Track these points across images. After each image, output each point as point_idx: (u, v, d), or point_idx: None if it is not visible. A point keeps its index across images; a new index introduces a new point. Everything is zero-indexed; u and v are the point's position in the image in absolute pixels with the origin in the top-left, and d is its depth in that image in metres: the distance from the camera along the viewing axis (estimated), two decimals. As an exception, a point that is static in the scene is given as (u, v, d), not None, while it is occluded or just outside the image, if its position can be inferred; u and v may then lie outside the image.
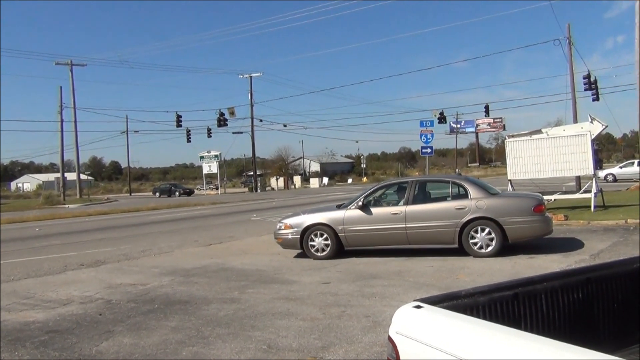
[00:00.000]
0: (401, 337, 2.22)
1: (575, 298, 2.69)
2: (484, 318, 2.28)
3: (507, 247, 10.15)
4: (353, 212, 10.83)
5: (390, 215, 10.58)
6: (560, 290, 2.65)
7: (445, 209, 10.41)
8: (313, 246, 11.00)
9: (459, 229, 10.11)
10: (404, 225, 10.41)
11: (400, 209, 10.55)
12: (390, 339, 2.27)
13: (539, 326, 2.53)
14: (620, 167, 39.17)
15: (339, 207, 11.43)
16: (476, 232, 10.07)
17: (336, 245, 10.86)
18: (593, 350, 1.67)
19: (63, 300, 8.26)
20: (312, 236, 11.01)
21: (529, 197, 10.86)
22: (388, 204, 11.04)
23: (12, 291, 9.11)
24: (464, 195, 10.37)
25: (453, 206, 10.31)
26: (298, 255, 11.33)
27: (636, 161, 38.13)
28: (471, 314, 2.27)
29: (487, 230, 10.02)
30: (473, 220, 10.07)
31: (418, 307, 2.28)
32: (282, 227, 11.41)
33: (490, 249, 9.99)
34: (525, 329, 2.32)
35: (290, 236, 11.22)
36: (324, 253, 10.89)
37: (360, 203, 10.85)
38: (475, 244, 10.05)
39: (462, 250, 10.13)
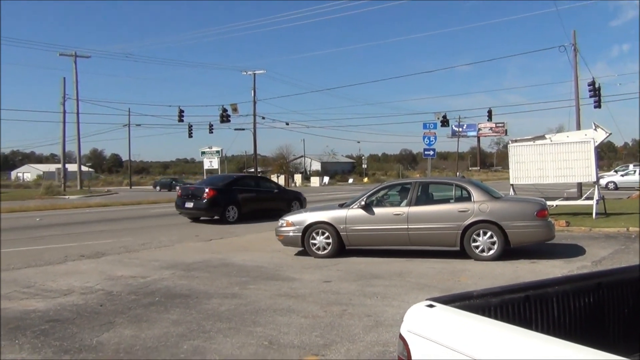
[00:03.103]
0: (413, 335, 2.21)
1: (586, 302, 2.68)
2: (495, 319, 2.27)
3: (509, 252, 10.14)
4: (355, 212, 10.82)
5: (393, 215, 10.56)
6: (572, 294, 2.64)
7: (447, 211, 10.39)
8: (314, 244, 10.98)
9: (461, 231, 10.10)
10: (406, 226, 10.39)
11: (403, 209, 10.53)
12: (401, 337, 2.26)
13: (550, 329, 2.52)
14: (622, 175, 39.07)
15: (341, 206, 11.42)
16: (478, 235, 10.05)
17: (337, 244, 10.84)
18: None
19: (63, 290, 8.25)
20: (314, 234, 10.99)
21: (532, 201, 10.85)
22: (391, 205, 11.03)
23: (13, 280, 9.10)
24: (467, 198, 10.35)
25: (456, 209, 10.29)
26: (299, 253, 11.32)
27: (637, 169, 37.95)
28: (483, 315, 2.26)
29: (489, 233, 10.00)
30: (475, 223, 10.05)
31: (430, 306, 2.27)
32: (284, 225, 11.39)
33: (491, 252, 9.97)
34: (536, 331, 2.31)
35: (291, 234, 11.20)
36: (325, 252, 10.88)
37: (362, 203, 10.84)
38: (477, 247, 10.04)
39: (463, 253, 10.12)
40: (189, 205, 19.27)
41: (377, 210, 10.75)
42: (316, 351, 5.23)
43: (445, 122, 47.93)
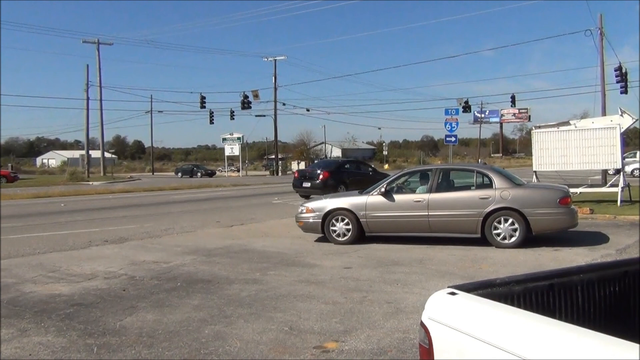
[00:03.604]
0: (434, 323, 2.18)
1: (612, 291, 2.63)
2: (519, 307, 2.24)
3: (531, 239, 10.03)
4: (375, 198, 10.78)
5: (413, 202, 10.51)
6: (597, 282, 2.59)
7: (468, 198, 10.29)
8: (334, 231, 10.97)
9: (482, 218, 10.00)
10: (427, 213, 10.33)
11: (423, 196, 10.46)
12: (422, 324, 2.24)
13: (574, 317, 2.48)
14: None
15: (361, 192, 11.39)
16: (499, 222, 9.94)
17: (357, 230, 10.82)
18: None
19: (88, 274, 8.38)
20: (334, 221, 10.99)
21: (554, 188, 10.69)
22: (411, 191, 10.96)
23: (38, 264, 9.27)
24: (489, 185, 10.23)
25: (477, 195, 10.19)
26: (319, 240, 11.34)
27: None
28: (505, 303, 2.23)
29: (510, 220, 9.89)
30: (497, 210, 9.94)
31: (452, 293, 2.24)
32: (304, 211, 11.41)
33: (513, 239, 9.87)
34: (560, 320, 2.27)
35: (311, 220, 11.22)
36: (345, 238, 10.87)
37: (383, 189, 10.79)
38: (498, 234, 9.94)
39: (484, 240, 10.03)
40: (306, 184, 22.26)
41: (397, 197, 10.70)
42: (336, 337, 5.24)
43: (467, 108, 47.50)
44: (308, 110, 69.06)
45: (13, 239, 12.33)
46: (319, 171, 22.56)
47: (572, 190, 17.66)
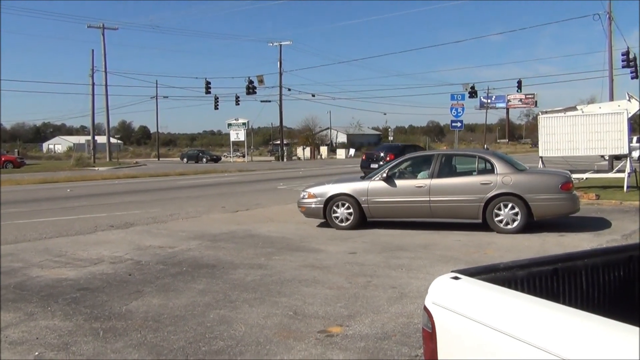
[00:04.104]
0: (437, 307, 2.18)
1: (617, 276, 2.61)
2: (523, 292, 2.23)
3: (536, 225, 10.02)
4: (377, 184, 10.79)
5: (415, 188, 10.51)
6: (602, 267, 2.58)
7: (470, 183, 10.30)
8: (336, 217, 10.99)
9: (483, 204, 10.01)
10: (428, 199, 10.34)
11: (425, 182, 10.46)
12: (426, 308, 2.24)
13: (578, 302, 2.47)
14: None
15: (363, 178, 11.40)
16: (500, 208, 9.95)
17: (359, 215, 10.85)
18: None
19: (94, 259, 8.43)
20: (335, 207, 11.02)
21: (556, 174, 10.68)
22: (413, 177, 10.96)
23: (45, 249, 9.32)
24: (490, 170, 10.23)
25: (478, 181, 10.18)
26: (323, 225, 11.36)
27: None
28: (509, 288, 2.22)
29: (511, 206, 9.89)
30: (498, 195, 9.95)
31: (455, 278, 2.24)
32: (306, 196, 11.44)
33: (515, 225, 9.87)
34: (564, 305, 2.26)
35: (313, 205, 11.25)
36: (347, 223, 10.89)
37: (384, 175, 10.79)
38: (500, 220, 9.94)
39: (485, 226, 10.03)
40: (374, 165, 23.59)
41: (398, 182, 10.71)
42: (340, 322, 5.26)
43: (473, 94, 47.26)
44: (313, 95, 68.61)
45: (20, 223, 12.41)
46: (382, 154, 25.94)
47: (578, 176, 17.67)
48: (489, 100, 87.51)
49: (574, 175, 17.81)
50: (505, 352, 1.84)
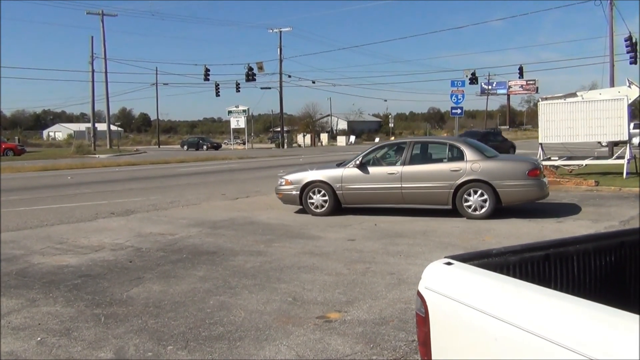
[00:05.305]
0: (430, 292, 2.22)
1: (608, 261, 2.65)
2: (514, 277, 2.27)
3: (535, 211, 10.09)
4: (351, 171, 10.95)
5: (387, 175, 10.66)
6: (593, 252, 2.61)
7: (440, 170, 10.48)
8: (312, 203, 11.20)
9: (453, 190, 10.20)
10: (400, 185, 10.50)
11: (397, 169, 10.62)
12: (419, 294, 2.28)
13: (570, 287, 2.51)
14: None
15: (338, 165, 11.53)
16: (469, 194, 10.13)
17: (334, 202, 11.06)
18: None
19: (95, 246, 8.49)
20: (311, 193, 11.20)
21: (524, 160, 10.92)
22: (386, 164, 11.07)
23: (46, 236, 9.39)
24: (460, 158, 10.38)
25: (448, 168, 10.35)
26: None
27: None
28: (501, 273, 2.26)
29: (479, 192, 10.06)
30: (467, 182, 10.14)
31: (448, 263, 2.28)
32: (283, 183, 11.65)
33: (483, 211, 10.07)
34: (555, 290, 2.31)
35: (291, 192, 11.44)
36: (322, 209, 11.11)
37: (358, 162, 10.97)
38: (469, 206, 10.15)
39: (455, 212, 10.19)
40: None
41: (372, 169, 10.85)
42: (339, 308, 5.32)
43: (474, 80, 47.12)
44: (313, 82, 68.36)
45: (21, 211, 12.47)
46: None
47: (577, 162, 17.70)
48: (489, 87, 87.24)
49: (574, 162, 17.90)
50: (497, 336, 1.88)
